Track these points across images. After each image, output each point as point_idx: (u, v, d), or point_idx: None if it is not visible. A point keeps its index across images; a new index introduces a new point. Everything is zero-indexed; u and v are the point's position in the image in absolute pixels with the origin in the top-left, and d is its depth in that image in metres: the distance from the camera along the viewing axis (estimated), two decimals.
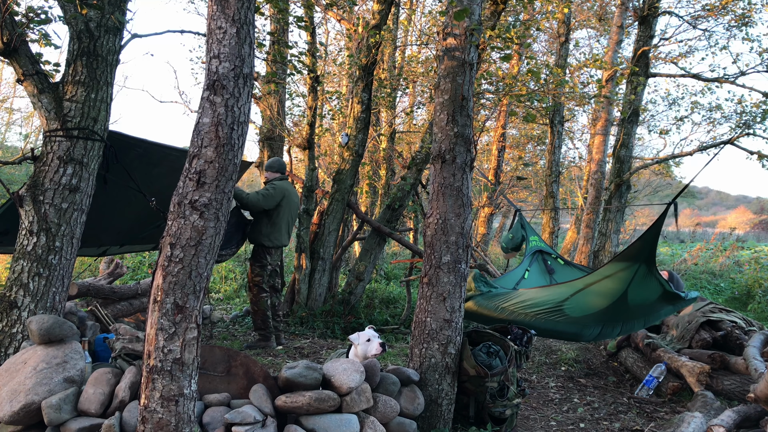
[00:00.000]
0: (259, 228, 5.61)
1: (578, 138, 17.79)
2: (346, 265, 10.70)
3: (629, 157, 9.90)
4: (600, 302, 4.66)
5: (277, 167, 5.84)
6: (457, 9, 3.68)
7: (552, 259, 6.53)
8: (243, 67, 2.53)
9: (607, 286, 4.56)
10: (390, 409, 3.41)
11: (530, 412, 4.50)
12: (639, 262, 4.34)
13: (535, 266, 6.39)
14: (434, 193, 3.85)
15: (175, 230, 2.46)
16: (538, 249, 6.59)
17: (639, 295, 4.56)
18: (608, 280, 4.53)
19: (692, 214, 38.79)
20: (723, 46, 11.07)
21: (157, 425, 2.40)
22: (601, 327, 4.83)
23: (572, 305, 4.70)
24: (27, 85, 3.71)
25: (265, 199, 5.49)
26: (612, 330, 4.90)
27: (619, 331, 4.95)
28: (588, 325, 4.80)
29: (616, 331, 4.94)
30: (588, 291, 4.66)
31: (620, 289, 4.50)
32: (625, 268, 4.41)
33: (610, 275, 4.50)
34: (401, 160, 10.62)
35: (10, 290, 3.64)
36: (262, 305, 5.61)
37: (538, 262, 6.45)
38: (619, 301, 4.58)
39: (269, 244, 5.64)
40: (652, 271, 4.41)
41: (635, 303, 4.63)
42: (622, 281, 4.46)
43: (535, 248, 6.59)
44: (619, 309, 4.66)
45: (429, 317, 3.80)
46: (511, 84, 7.10)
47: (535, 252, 6.53)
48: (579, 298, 4.68)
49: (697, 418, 3.73)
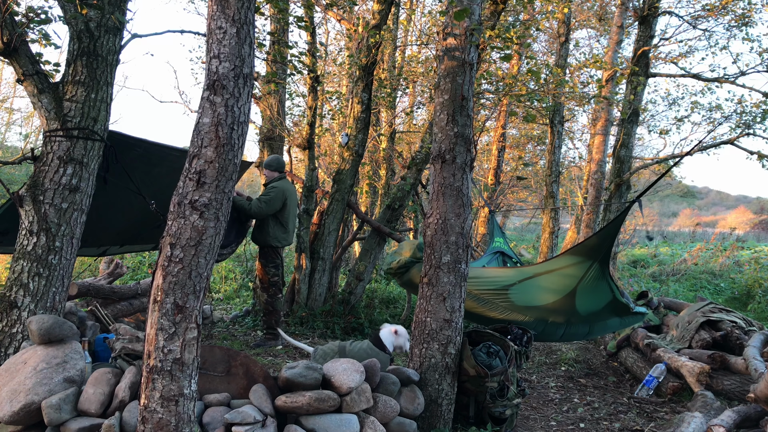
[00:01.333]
0: (267, 230, 5.58)
1: (578, 138, 17.79)
2: (346, 265, 10.70)
3: (629, 157, 9.89)
4: (546, 297, 4.53)
5: (276, 166, 5.80)
6: (457, 9, 3.68)
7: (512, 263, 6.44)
8: (243, 67, 2.53)
9: (557, 280, 4.43)
10: (390, 409, 3.41)
11: (530, 412, 4.50)
12: (593, 260, 4.23)
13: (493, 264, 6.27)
14: (434, 193, 3.85)
15: (175, 230, 2.46)
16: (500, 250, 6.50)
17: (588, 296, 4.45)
18: (558, 274, 4.40)
19: (692, 214, 38.80)
20: (723, 46, 11.07)
21: (157, 425, 2.40)
22: (544, 325, 4.73)
23: (518, 293, 4.56)
24: (27, 85, 3.71)
25: (268, 205, 5.47)
26: (554, 331, 4.79)
27: (562, 333, 4.83)
28: (531, 321, 4.69)
29: (558, 333, 4.83)
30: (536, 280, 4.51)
31: (570, 285, 4.39)
32: (578, 263, 4.29)
33: (562, 268, 4.37)
34: (401, 160, 10.62)
35: (10, 290, 3.64)
36: (278, 306, 5.67)
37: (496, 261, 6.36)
38: (566, 299, 4.46)
39: (278, 244, 5.66)
40: (605, 272, 4.30)
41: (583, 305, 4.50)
42: (573, 278, 4.35)
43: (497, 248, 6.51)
44: (565, 308, 4.53)
45: (429, 317, 3.80)
46: (511, 84, 7.10)
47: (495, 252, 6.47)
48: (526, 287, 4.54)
49: (697, 418, 3.73)
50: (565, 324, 4.74)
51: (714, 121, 11.01)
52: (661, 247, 18.36)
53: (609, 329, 5.05)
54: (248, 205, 5.42)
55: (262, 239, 5.60)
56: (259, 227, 5.61)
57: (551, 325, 4.72)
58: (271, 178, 5.74)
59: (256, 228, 5.63)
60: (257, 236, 5.62)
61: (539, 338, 4.95)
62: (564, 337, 4.93)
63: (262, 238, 5.59)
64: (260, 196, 5.55)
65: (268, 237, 5.57)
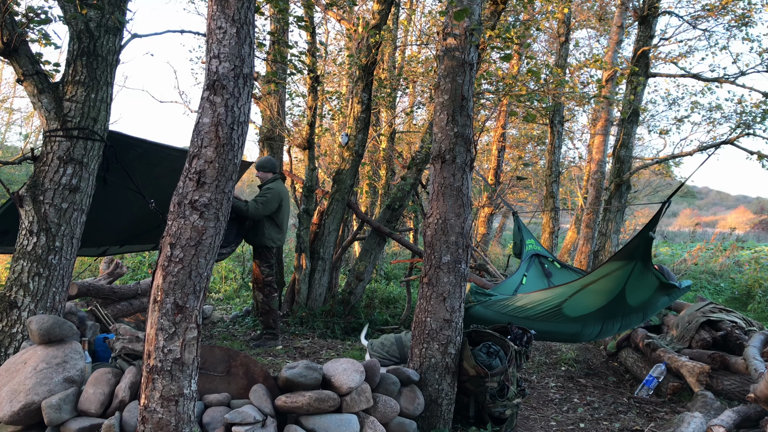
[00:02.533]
0: (261, 230, 5.61)
1: (578, 138, 17.80)
2: (346, 265, 10.70)
3: (629, 157, 9.89)
4: (598, 300, 4.66)
5: (269, 167, 5.82)
6: (457, 9, 3.68)
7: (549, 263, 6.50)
8: (243, 67, 2.53)
9: (605, 285, 4.57)
10: (390, 409, 3.41)
11: (530, 412, 4.50)
12: (635, 260, 4.35)
13: (533, 270, 6.36)
14: (434, 193, 3.85)
15: (175, 230, 2.46)
16: (534, 252, 6.56)
17: (636, 290, 4.58)
18: (606, 279, 4.54)
19: (692, 214, 38.79)
20: (723, 46, 11.08)
21: (157, 425, 2.40)
22: (602, 325, 4.84)
23: (571, 306, 4.71)
24: (27, 85, 3.71)
25: (264, 206, 5.50)
26: (612, 326, 4.91)
27: (619, 326, 4.95)
28: (588, 324, 4.81)
29: (616, 328, 4.95)
30: (586, 291, 4.67)
31: (618, 286, 4.51)
32: (622, 267, 4.42)
33: (608, 274, 4.51)
34: (401, 160, 10.62)
35: (10, 290, 3.64)
36: (274, 305, 5.70)
37: (535, 266, 6.43)
38: (617, 298, 4.59)
39: (273, 244, 5.70)
40: (648, 267, 4.43)
41: (633, 298, 4.65)
42: (620, 279, 4.47)
43: (531, 252, 6.56)
44: (617, 305, 4.66)
45: (429, 317, 3.80)
46: (511, 84, 7.10)
47: (531, 256, 6.51)
48: (577, 299, 4.69)
49: (697, 418, 3.73)
50: (621, 318, 4.89)
51: (714, 121, 11.01)
52: (661, 247, 18.35)
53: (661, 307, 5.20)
54: (245, 206, 5.43)
55: (257, 240, 5.62)
56: (254, 228, 5.63)
57: (607, 323, 4.87)
58: (265, 179, 5.76)
59: (251, 229, 5.64)
60: (252, 237, 5.65)
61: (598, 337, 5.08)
62: (622, 328, 5.06)
63: (257, 238, 5.61)
64: (257, 198, 5.56)
65: (264, 237, 5.60)
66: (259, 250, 5.66)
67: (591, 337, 4.98)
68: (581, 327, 4.81)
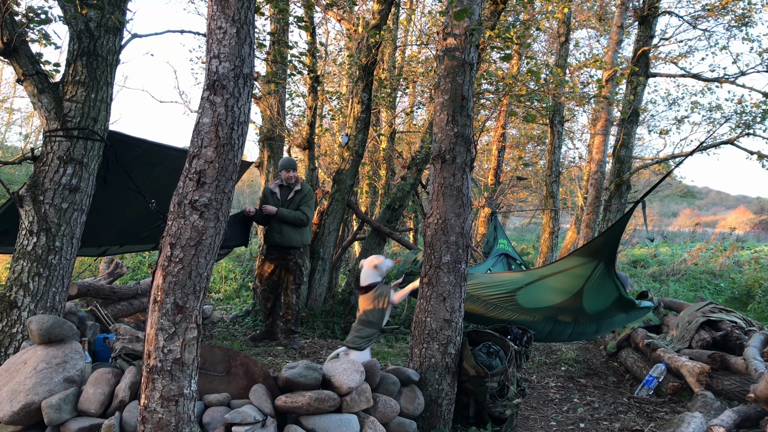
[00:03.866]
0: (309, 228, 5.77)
1: (578, 138, 17.80)
2: (346, 265, 10.70)
3: (629, 157, 9.89)
4: (554, 297, 4.56)
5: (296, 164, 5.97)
6: (457, 9, 3.68)
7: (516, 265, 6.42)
8: (243, 67, 2.53)
9: (564, 280, 4.46)
10: (390, 409, 3.41)
11: (530, 412, 4.50)
12: (599, 259, 4.26)
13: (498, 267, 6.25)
14: (434, 193, 3.85)
15: (175, 230, 2.45)
16: (504, 252, 6.49)
17: (594, 295, 4.48)
18: (565, 275, 4.42)
19: (692, 214, 38.80)
20: (723, 46, 11.07)
21: (157, 425, 2.40)
22: (553, 325, 4.74)
23: (525, 295, 4.58)
24: (27, 85, 3.71)
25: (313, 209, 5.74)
26: (563, 330, 4.81)
27: (570, 333, 4.85)
28: (539, 320, 4.70)
29: (566, 333, 4.84)
30: (543, 282, 4.54)
31: (576, 285, 4.42)
32: (584, 264, 4.32)
33: (568, 269, 4.39)
34: (401, 160, 10.62)
35: (10, 290, 3.64)
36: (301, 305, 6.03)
37: (501, 264, 6.34)
38: (573, 299, 4.48)
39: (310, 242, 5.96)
40: (610, 271, 4.33)
41: (590, 304, 4.53)
42: (580, 278, 4.37)
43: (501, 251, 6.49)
44: (572, 307, 4.56)
45: (429, 317, 3.80)
46: (511, 84, 7.10)
47: (500, 254, 6.45)
48: (533, 289, 4.57)
49: (697, 418, 3.73)
50: (573, 323, 4.77)
51: (714, 121, 11.01)
52: (661, 247, 18.36)
53: (616, 325, 5.09)
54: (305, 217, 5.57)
55: (304, 238, 5.69)
56: (298, 228, 5.64)
57: (559, 324, 4.75)
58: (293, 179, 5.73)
59: (294, 230, 5.61)
60: (298, 237, 5.63)
61: (547, 339, 4.97)
62: (572, 336, 4.94)
63: (305, 237, 5.71)
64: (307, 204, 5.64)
65: (308, 236, 5.76)
66: (301, 251, 5.74)
67: (539, 336, 4.82)
68: (531, 321, 4.69)
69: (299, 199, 5.64)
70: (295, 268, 5.65)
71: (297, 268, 5.66)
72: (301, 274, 5.70)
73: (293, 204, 5.61)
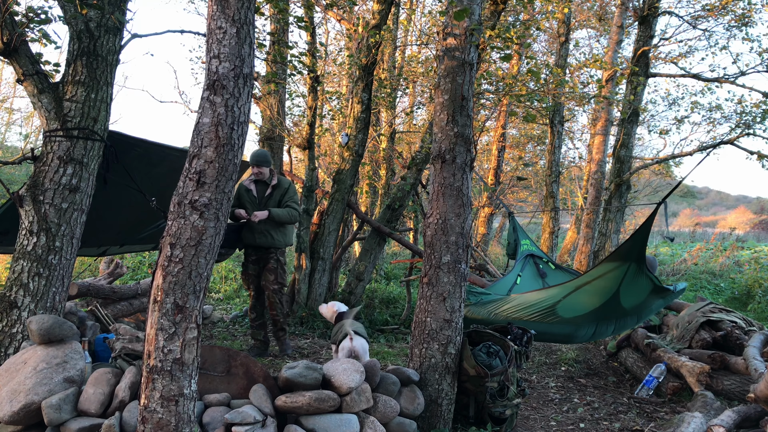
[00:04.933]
0: (290, 228, 5.44)
1: (578, 138, 17.81)
2: (346, 265, 10.70)
3: (629, 157, 9.89)
4: (592, 301, 4.65)
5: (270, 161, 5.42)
6: (457, 9, 3.68)
7: (543, 263, 6.47)
8: (243, 67, 2.53)
9: (599, 285, 4.56)
10: (390, 409, 3.41)
11: (530, 412, 4.50)
12: (629, 261, 4.35)
13: (527, 271, 6.33)
14: (434, 193, 3.85)
15: (175, 230, 2.45)
16: (529, 253, 6.54)
17: (630, 292, 4.58)
18: (600, 280, 4.54)
19: (692, 214, 38.81)
20: (723, 46, 11.07)
21: (157, 425, 2.40)
22: (595, 326, 4.84)
23: (565, 307, 4.69)
24: (27, 85, 3.71)
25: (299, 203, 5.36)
26: (606, 329, 4.90)
27: (613, 329, 4.95)
28: (581, 325, 4.80)
29: (610, 330, 4.94)
30: (580, 292, 4.66)
31: (612, 287, 4.51)
32: (616, 268, 4.43)
33: (602, 275, 4.51)
34: (401, 160, 10.62)
35: (10, 290, 3.64)
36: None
37: (530, 266, 6.41)
38: (611, 300, 4.58)
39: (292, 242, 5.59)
40: (642, 269, 4.43)
41: (627, 300, 4.64)
42: (614, 280, 4.47)
43: (526, 252, 6.54)
44: (611, 307, 4.66)
45: (429, 317, 3.80)
46: (511, 84, 7.10)
47: (526, 256, 6.50)
48: (571, 299, 4.68)
49: (697, 418, 3.73)
50: (615, 320, 4.87)
51: (714, 121, 11.01)
52: (661, 247, 18.35)
53: (656, 310, 5.20)
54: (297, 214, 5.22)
55: (285, 239, 5.29)
56: (282, 228, 5.27)
57: (601, 325, 4.86)
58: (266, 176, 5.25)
59: (277, 230, 5.22)
60: (279, 238, 5.22)
61: (593, 338, 5.08)
62: (615, 330, 5.04)
63: (287, 237, 5.31)
64: (293, 200, 5.24)
65: (291, 235, 5.34)
66: (283, 250, 5.33)
67: (585, 339, 4.97)
68: (575, 328, 4.81)
69: (279, 196, 5.19)
70: (276, 266, 5.24)
71: (278, 266, 5.25)
72: (283, 273, 5.30)
73: (272, 201, 5.17)
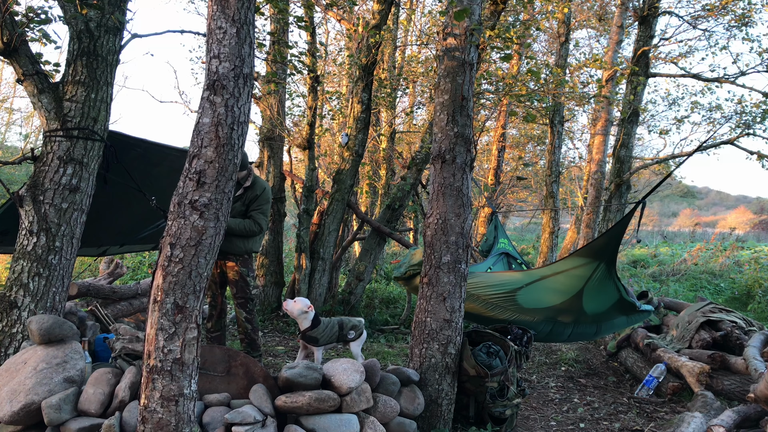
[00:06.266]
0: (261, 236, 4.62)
1: (578, 138, 17.81)
2: (346, 265, 10.70)
3: (629, 157, 9.90)
4: (554, 298, 4.55)
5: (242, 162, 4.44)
6: (457, 9, 3.68)
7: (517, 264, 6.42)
8: (243, 67, 2.53)
9: (564, 281, 4.45)
10: (390, 409, 3.41)
11: (530, 412, 4.50)
12: (600, 260, 4.27)
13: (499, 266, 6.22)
14: (434, 193, 3.85)
15: (175, 230, 2.46)
16: (504, 251, 6.47)
17: (595, 297, 4.47)
18: (565, 275, 4.40)
19: (692, 214, 38.82)
20: (723, 46, 11.07)
21: (157, 425, 2.40)
22: (552, 325, 4.74)
23: (525, 295, 4.57)
24: (27, 85, 3.71)
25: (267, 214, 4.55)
26: (563, 331, 4.80)
27: (570, 333, 4.84)
28: (539, 321, 4.70)
29: (566, 333, 4.83)
30: (544, 283, 4.53)
31: (577, 286, 4.41)
32: (585, 264, 4.32)
33: (569, 269, 4.38)
34: (401, 160, 10.62)
35: (10, 290, 3.64)
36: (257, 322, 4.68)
37: (502, 263, 6.31)
38: (574, 299, 4.49)
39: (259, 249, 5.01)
40: (611, 272, 4.33)
41: (590, 305, 4.53)
42: (580, 278, 4.37)
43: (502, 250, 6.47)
44: (572, 308, 4.56)
45: (429, 317, 3.80)
46: (511, 84, 7.10)
47: (501, 253, 6.44)
48: (533, 289, 4.55)
49: (697, 418, 3.73)
50: (573, 324, 4.76)
51: (714, 121, 11.01)
52: (661, 247, 18.35)
53: (616, 328, 5.07)
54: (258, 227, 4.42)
55: (248, 245, 4.49)
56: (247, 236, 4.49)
57: (559, 325, 4.74)
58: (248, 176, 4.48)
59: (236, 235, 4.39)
60: (238, 244, 4.41)
61: (547, 339, 4.96)
62: (571, 337, 4.92)
63: (250, 243, 4.50)
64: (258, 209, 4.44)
65: (256, 242, 4.57)
66: (245, 258, 4.50)
67: (539, 336, 4.79)
68: (531, 321, 4.67)
69: (249, 200, 4.43)
70: (237, 278, 4.44)
71: (240, 278, 4.44)
72: (245, 286, 4.46)
73: (240, 202, 4.40)
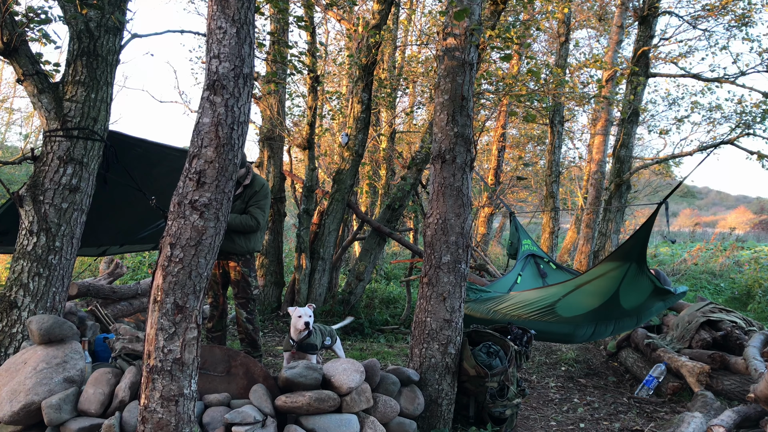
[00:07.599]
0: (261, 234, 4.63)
1: (578, 138, 17.81)
2: (346, 265, 10.70)
3: (629, 157, 9.90)
4: (592, 301, 4.64)
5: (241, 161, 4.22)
6: (457, 9, 3.68)
7: (544, 263, 6.50)
8: (243, 67, 2.53)
9: (599, 285, 4.55)
10: (390, 409, 3.41)
11: (530, 412, 4.50)
12: (630, 261, 4.35)
13: (528, 270, 6.36)
14: (434, 193, 3.85)
15: (175, 230, 2.45)
16: (530, 253, 6.57)
17: (630, 293, 4.57)
18: (600, 280, 4.52)
19: (692, 214, 38.81)
20: (723, 46, 11.07)
21: (157, 425, 2.40)
22: (594, 326, 4.82)
23: (564, 305, 4.67)
24: (27, 85, 3.71)
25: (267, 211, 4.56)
26: (605, 329, 4.88)
27: (612, 329, 4.93)
28: (581, 325, 4.79)
29: (609, 330, 4.92)
30: (580, 291, 4.64)
31: (612, 287, 4.50)
32: (617, 268, 4.42)
33: (602, 275, 4.50)
34: (401, 160, 10.62)
35: (10, 290, 3.64)
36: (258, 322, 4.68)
37: (530, 266, 6.43)
38: (611, 300, 4.57)
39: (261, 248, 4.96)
40: (642, 269, 4.42)
41: (627, 301, 4.63)
42: (614, 280, 4.46)
43: (527, 252, 6.57)
44: (611, 307, 4.65)
45: (429, 317, 3.80)
46: (511, 84, 7.11)
47: (527, 256, 6.52)
48: (571, 299, 4.66)
49: (697, 418, 3.73)
50: (614, 320, 4.86)
51: (714, 121, 11.02)
52: (661, 247, 18.35)
53: (656, 312, 5.19)
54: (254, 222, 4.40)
55: (250, 245, 4.47)
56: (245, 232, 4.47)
57: (601, 324, 4.85)
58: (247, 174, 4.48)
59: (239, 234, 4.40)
60: (240, 243, 4.40)
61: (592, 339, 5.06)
62: (614, 331, 5.02)
63: (251, 243, 4.49)
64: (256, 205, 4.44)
65: (258, 241, 4.57)
66: (247, 258, 4.50)
67: (583, 339, 4.95)
68: (573, 328, 4.79)
69: (248, 197, 4.43)
70: (238, 278, 4.44)
71: (242, 278, 4.43)
72: (247, 286, 4.45)
73: (240, 200, 4.40)
